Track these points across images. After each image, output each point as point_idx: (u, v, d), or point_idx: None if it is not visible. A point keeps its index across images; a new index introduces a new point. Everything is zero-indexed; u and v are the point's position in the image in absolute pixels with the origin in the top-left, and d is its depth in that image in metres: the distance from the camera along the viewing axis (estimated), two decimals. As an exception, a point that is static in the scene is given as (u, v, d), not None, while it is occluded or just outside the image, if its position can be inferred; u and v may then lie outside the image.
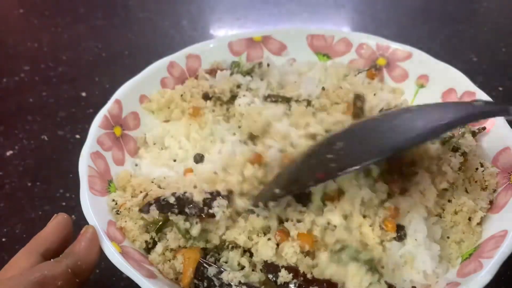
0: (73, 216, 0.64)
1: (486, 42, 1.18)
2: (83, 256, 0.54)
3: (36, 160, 0.88)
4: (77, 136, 0.92)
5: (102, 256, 0.57)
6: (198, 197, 0.59)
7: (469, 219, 0.62)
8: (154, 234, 0.62)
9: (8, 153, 0.90)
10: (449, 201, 0.63)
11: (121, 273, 0.68)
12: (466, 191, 0.64)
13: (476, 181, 0.66)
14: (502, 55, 1.12)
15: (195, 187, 0.62)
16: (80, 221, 0.58)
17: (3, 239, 0.75)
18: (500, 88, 1.00)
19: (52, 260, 0.53)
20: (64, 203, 0.80)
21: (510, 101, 0.96)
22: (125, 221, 0.63)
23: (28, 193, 0.82)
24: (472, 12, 1.32)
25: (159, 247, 0.61)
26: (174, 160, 0.72)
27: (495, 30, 1.22)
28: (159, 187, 0.67)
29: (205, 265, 0.57)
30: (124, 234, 0.62)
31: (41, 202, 0.80)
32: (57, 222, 0.57)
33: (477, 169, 0.66)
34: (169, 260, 0.61)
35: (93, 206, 0.60)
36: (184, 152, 0.73)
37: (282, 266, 0.57)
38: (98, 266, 0.67)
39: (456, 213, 0.62)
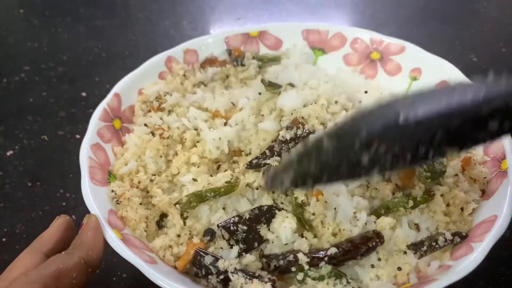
0: (73, 216, 0.64)
1: (486, 42, 1.18)
2: (92, 246, 0.55)
3: (36, 160, 0.88)
4: (77, 136, 0.92)
5: (102, 257, 0.57)
6: None
7: (462, 209, 0.63)
8: (154, 227, 0.64)
9: (8, 153, 0.90)
10: (441, 195, 0.63)
11: (121, 273, 0.69)
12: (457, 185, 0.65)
13: (471, 177, 0.66)
14: (502, 55, 1.12)
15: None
16: (80, 221, 0.58)
17: (3, 239, 0.75)
18: (500, 88, 1.00)
19: (63, 252, 0.53)
20: (64, 203, 0.80)
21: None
22: (126, 211, 0.64)
23: (28, 193, 0.82)
24: (472, 12, 1.32)
25: (161, 239, 0.62)
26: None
27: (495, 30, 1.22)
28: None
29: (202, 253, 0.58)
30: (125, 223, 0.63)
31: (41, 202, 0.80)
32: (60, 223, 0.58)
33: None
34: (171, 247, 0.62)
35: (94, 195, 0.62)
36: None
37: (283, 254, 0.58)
38: (98, 266, 0.68)
39: (448, 205, 0.63)
